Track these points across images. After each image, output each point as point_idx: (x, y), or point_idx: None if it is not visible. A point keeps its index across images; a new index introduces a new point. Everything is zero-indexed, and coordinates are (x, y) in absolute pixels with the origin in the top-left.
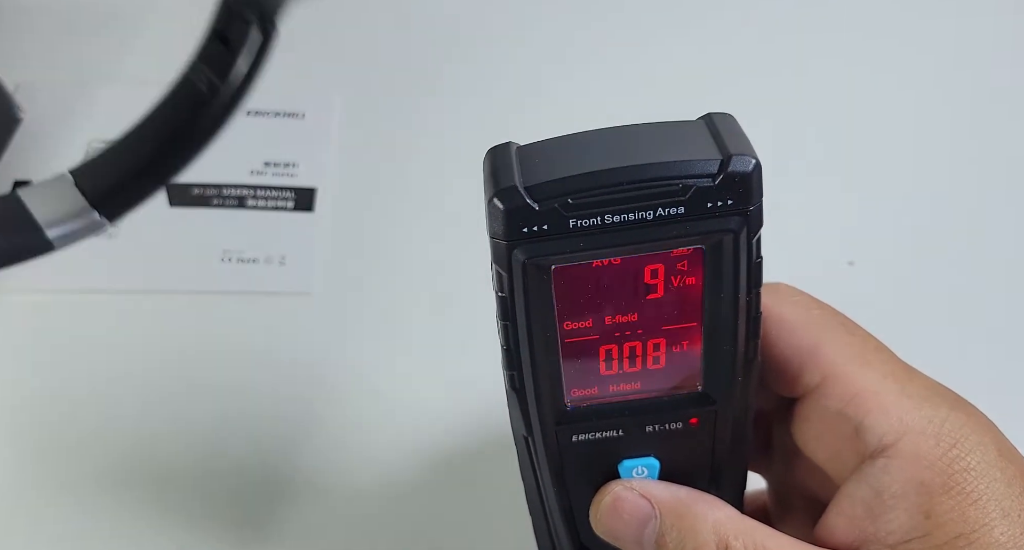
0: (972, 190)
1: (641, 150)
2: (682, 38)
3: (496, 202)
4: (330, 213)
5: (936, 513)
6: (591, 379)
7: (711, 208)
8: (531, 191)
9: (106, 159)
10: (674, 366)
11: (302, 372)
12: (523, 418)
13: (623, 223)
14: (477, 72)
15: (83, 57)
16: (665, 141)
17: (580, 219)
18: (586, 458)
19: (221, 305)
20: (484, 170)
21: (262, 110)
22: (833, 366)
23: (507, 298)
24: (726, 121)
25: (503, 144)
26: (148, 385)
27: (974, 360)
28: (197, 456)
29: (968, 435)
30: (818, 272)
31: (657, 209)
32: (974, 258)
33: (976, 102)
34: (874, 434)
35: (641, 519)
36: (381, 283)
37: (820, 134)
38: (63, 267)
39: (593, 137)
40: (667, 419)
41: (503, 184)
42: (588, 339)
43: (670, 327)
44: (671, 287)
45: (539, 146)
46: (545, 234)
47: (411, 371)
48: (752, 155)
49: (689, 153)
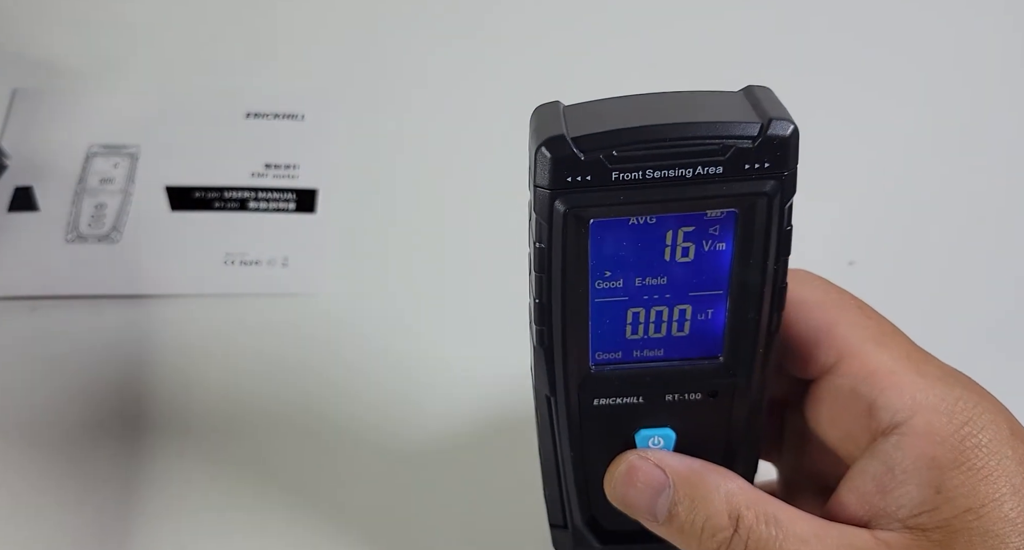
0: (974, 189)
1: (685, 112)
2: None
3: (544, 150)
4: (332, 214)
5: (947, 488)
6: (617, 342)
7: (748, 170)
8: (578, 141)
9: None
10: (698, 334)
11: (307, 373)
12: (548, 376)
13: (663, 179)
14: (480, 72)
15: (82, 61)
16: (708, 106)
17: (623, 172)
18: (605, 423)
19: (225, 307)
20: (531, 124)
21: (262, 112)
22: (848, 345)
23: (545, 249)
24: (765, 92)
25: (551, 102)
26: (152, 388)
27: (975, 359)
28: (199, 458)
29: (981, 414)
30: (818, 271)
31: (697, 167)
32: (975, 257)
33: (979, 101)
34: (887, 411)
35: (655, 488)
36: (384, 283)
37: (821, 133)
38: (67, 273)
39: (639, 99)
40: (687, 388)
41: (551, 133)
42: (617, 300)
43: (697, 293)
44: (702, 252)
45: (585, 105)
46: (588, 185)
47: (415, 370)
48: (791, 121)
49: (731, 116)
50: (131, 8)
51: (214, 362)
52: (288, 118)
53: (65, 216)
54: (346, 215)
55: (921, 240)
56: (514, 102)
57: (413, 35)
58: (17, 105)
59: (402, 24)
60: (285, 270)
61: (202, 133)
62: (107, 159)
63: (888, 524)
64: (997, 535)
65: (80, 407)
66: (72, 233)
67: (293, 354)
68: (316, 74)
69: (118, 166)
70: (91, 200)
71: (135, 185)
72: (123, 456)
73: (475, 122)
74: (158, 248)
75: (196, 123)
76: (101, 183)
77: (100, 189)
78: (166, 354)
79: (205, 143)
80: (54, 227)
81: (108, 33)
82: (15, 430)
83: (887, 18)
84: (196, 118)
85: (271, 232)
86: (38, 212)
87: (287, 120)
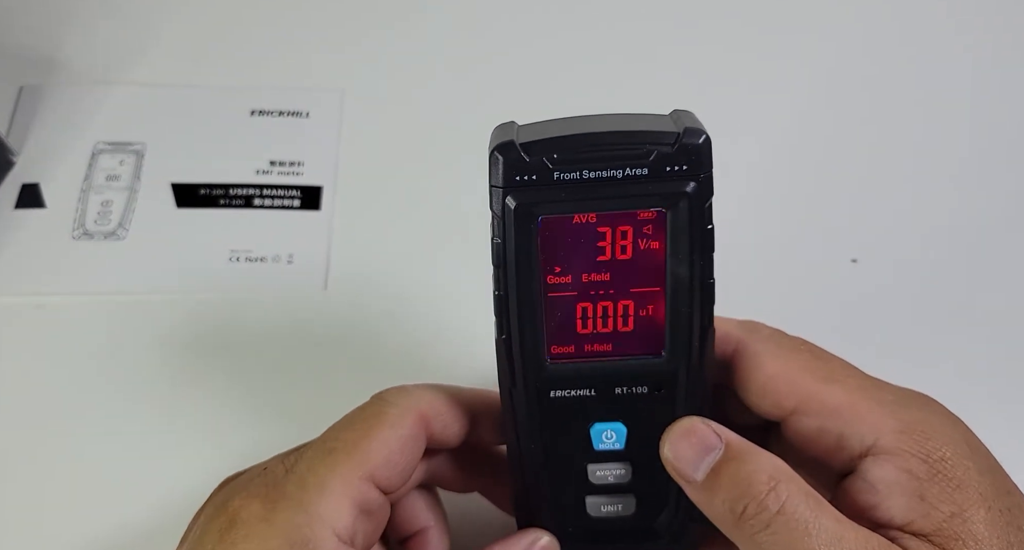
0: (977, 187)
1: (617, 125)
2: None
3: (496, 153)
4: (337, 211)
5: (929, 495)
6: (569, 336)
7: (669, 172)
8: (524, 147)
9: None
10: (641, 330)
11: (312, 370)
12: (508, 367)
13: (598, 179)
14: (483, 69)
15: (88, 59)
16: (638, 122)
17: (563, 172)
18: (561, 416)
19: (230, 305)
20: (490, 139)
21: (267, 109)
22: (806, 389)
23: (501, 244)
24: (688, 114)
25: (508, 121)
26: (156, 386)
27: (977, 358)
28: (203, 458)
29: (939, 430)
30: (821, 269)
31: (625, 168)
32: (979, 255)
33: (981, 100)
34: (856, 439)
35: (707, 446)
36: (389, 280)
37: (824, 131)
38: (72, 270)
39: (582, 118)
40: (634, 382)
41: (503, 141)
42: (567, 294)
43: (637, 290)
44: (638, 250)
45: (536, 123)
46: (534, 183)
47: (420, 368)
48: (703, 130)
49: (653, 126)
50: (137, 5)
51: (219, 359)
52: (293, 115)
53: (71, 213)
54: (351, 212)
55: (925, 237)
56: (523, 99)
57: (418, 32)
58: (23, 102)
59: (407, 21)
60: (290, 267)
61: (208, 130)
62: (113, 156)
63: (889, 534)
64: (981, 539)
65: (80, 406)
66: (78, 230)
67: (298, 351)
68: (321, 71)
69: (124, 163)
70: (97, 197)
71: (141, 182)
72: (121, 457)
73: (479, 119)
74: (164, 245)
75: (201, 120)
76: (107, 180)
77: (106, 186)
78: (171, 350)
79: (211, 140)
80: (60, 224)
81: (114, 30)
82: (16, 429)
83: (897, 10)
84: (201, 115)
85: (276, 229)
86: (44, 209)
87: (292, 117)
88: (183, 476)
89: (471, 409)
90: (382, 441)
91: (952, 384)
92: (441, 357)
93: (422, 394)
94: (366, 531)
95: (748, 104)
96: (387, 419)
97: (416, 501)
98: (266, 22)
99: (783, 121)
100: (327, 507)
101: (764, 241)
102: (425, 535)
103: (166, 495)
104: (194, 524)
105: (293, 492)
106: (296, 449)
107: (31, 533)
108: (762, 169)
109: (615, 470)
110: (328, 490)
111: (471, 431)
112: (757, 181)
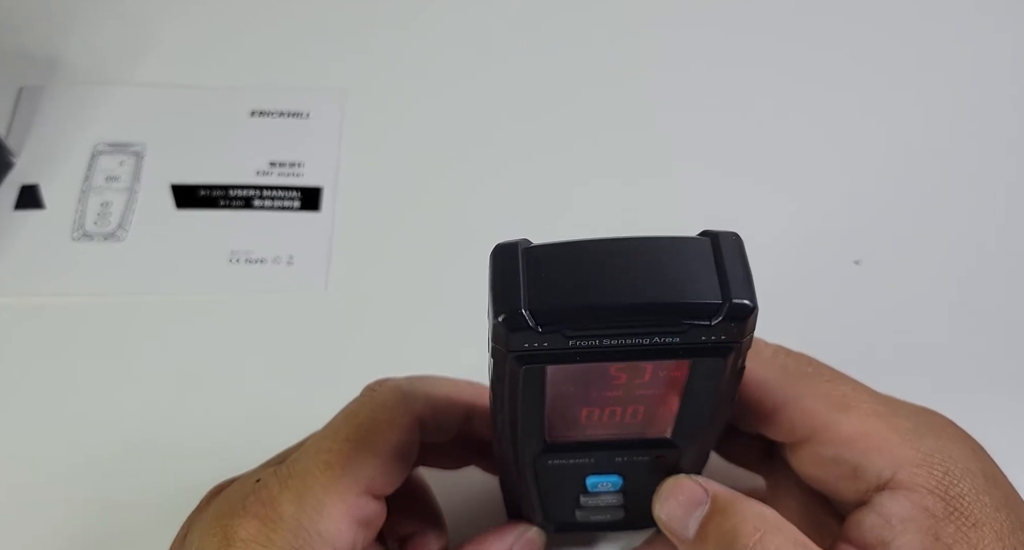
0: (979, 188)
1: (644, 277)
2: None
3: (501, 323)
4: (337, 212)
5: (944, 534)
6: (572, 426)
7: (704, 340)
8: (536, 315)
9: None
10: (650, 420)
11: (312, 371)
12: (512, 446)
13: (620, 345)
14: (484, 71)
15: (88, 59)
16: (668, 266)
17: (580, 340)
18: (559, 473)
19: (230, 306)
20: (489, 270)
21: (267, 110)
22: (818, 418)
23: (501, 391)
24: (730, 243)
25: (509, 244)
26: (157, 388)
27: (979, 359)
28: (206, 458)
29: (956, 463)
30: (824, 270)
31: (653, 337)
32: (982, 256)
33: (983, 100)
34: (872, 472)
35: (694, 501)
36: (389, 281)
37: (826, 131)
38: (71, 271)
39: (598, 250)
40: (635, 454)
41: (509, 304)
42: (573, 397)
43: (650, 394)
44: (657, 377)
45: (545, 253)
46: (545, 350)
47: (420, 369)
48: (751, 298)
49: (690, 290)
50: (137, 5)
51: (219, 360)
52: (293, 116)
53: (71, 214)
54: (351, 213)
55: (929, 238)
56: (525, 101)
57: (419, 33)
58: (23, 103)
59: (408, 22)
60: (290, 268)
61: (207, 131)
62: (113, 157)
63: None
64: None
65: (80, 406)
66: (78, 231)
67: (298, 352)
68: (321, 72)
69: (124, 164)
70: (97, 198)
71: (140, 183)
72: (123, 457)
73: (482, 120)
74: (163, 246)
75: (201, 121)
76: (107, 181)
77: (106, 187)
78: (171, 352)
79: (210, 141)
80: (60, 225)
81: (114, 31)
82: (16, 429)
83: (901, 13)
84: (201, 116)
85: (276, 230)
86: (44, 210)
87: (292, 118)
88: (183, 476)
89: (466, 405)
90: (378, 452)
91: (955, 385)
92: (441, 357)
93: (417, 395)
94: (365, 537)
95: (748, 104)
96: (382, 426)
97: (412, 502)
98: (266, 22)
99: (784, 121)
100: (326, 527)
101: (764, 241)
102: (424, 536)
103: (166, 495)
104: (187, 535)
105: (291, 512)
106: (287, 456)
107: (31, 533)
108: (762, 169)
109: (607, 500)
110: (327, 510)
111: (466, 425)
112: (757, 181)
